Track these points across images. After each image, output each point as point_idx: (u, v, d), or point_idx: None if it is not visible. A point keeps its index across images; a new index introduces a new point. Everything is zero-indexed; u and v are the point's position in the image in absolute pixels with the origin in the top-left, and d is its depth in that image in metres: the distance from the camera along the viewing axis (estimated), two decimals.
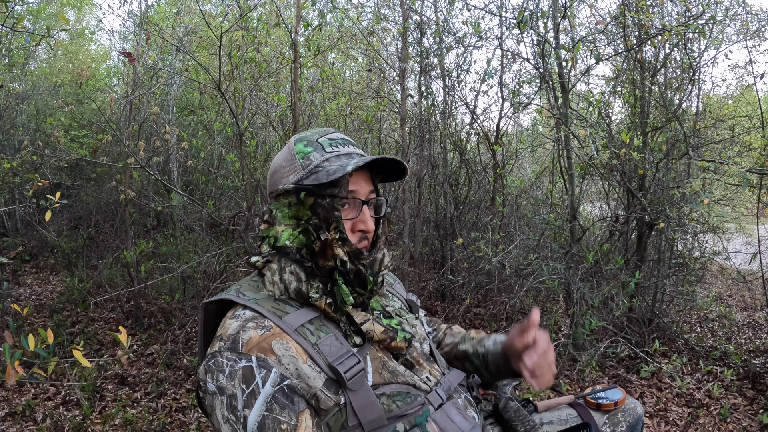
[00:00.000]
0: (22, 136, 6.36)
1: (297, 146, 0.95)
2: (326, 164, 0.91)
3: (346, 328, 0.89)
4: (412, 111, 4.34)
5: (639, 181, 3.11)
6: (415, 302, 1.12)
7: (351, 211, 0.93)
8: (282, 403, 0.78)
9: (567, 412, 1.14)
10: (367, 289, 0.92)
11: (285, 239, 0.91)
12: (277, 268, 0.91)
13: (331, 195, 0.89)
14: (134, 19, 4.93)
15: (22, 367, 1.36)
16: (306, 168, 0.92)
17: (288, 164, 0.94)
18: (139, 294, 3.90)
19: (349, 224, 0.92)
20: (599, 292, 2.79)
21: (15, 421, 2.57)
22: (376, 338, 0.89)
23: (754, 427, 2.35)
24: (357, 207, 0.93)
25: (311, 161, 0.92)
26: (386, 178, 1.01)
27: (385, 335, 0.90)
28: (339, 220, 0.89)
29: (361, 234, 0.93)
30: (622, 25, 3.11)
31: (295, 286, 0.88)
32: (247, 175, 3.60)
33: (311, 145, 0.94)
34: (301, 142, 0.95)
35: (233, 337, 0.82)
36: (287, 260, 0.90)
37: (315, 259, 0.90)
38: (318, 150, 0.93)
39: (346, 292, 0.88)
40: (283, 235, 0.91)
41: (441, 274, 4.25)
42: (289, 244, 0.90)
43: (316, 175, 0.90)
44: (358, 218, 0.93)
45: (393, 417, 0.84)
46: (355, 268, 0.90)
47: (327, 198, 0.89)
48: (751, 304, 4.08)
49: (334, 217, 0.89)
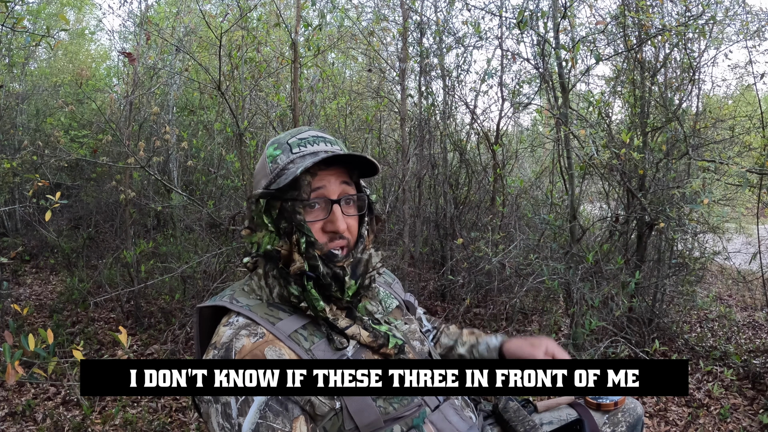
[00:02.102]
0: (22, 136, 6.35)
1: (268, 149, 0.94)
2: (291, 166, 0.89)
3: (327, 332, 0.87)
4: (412, 111, 4.34)
5: (639, 181, 3.11)
6: (413, 303, 1.12)
7: (320, 212, 0.89)
8: (276, 410, 0.78)
9: (567, 412, 1.15)
10: (345, 293, 0.89)
11: (266, 244, 0.89)
12: (263, 272, 0.91)
13: (291, 198, 0.87)
14: (134, 19, 4.93)
15: (22, 367, 1.36)
16: (273, 172, 0.90)
17: (261, 169, 0.94)
18: (139, 294, 3.89)
19: (318, 225, 0.89)
20: (599, 292, 2.79)
21: (15, 421, 2.57)
22: (363, 342, 0.88)
23: (754, 427, 2.35)
24: (326, 207, 0.89)
25: (278, 164, 0.91)
26: (365, 173, 0.97)
27: (372, 341, 0.88)
28: (302, 223, 0.87)
29: (331, 234, 0.90)
30: (622, 25, 3.11)
31: (278, 291, 0.88)
32: (247, 175, 3.60)
33: (280, 147, 0.92)
34: (272, 145, 0.94)
35: (226, 345, 0.82)
36: (271, 265, 0.90)
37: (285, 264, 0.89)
38: (285, 152, 0.91)
39: (315, 297, 0.86)
40: (264, 240, 0.90)
41: (441, 274, 4.24)
42: (269, 248, 0.89)
43: (280, 178, 0.88)
44: (328, 218, 0.89)
45: (390, 419, 0.84)
46: (330, 271, 0.87)
47: (288, 201, 0.88)
48: (751, 304, 4.08)
49: (296, 220, 0.87)
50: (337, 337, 0.86)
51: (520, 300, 3.64)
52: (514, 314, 3.76)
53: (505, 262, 3.37)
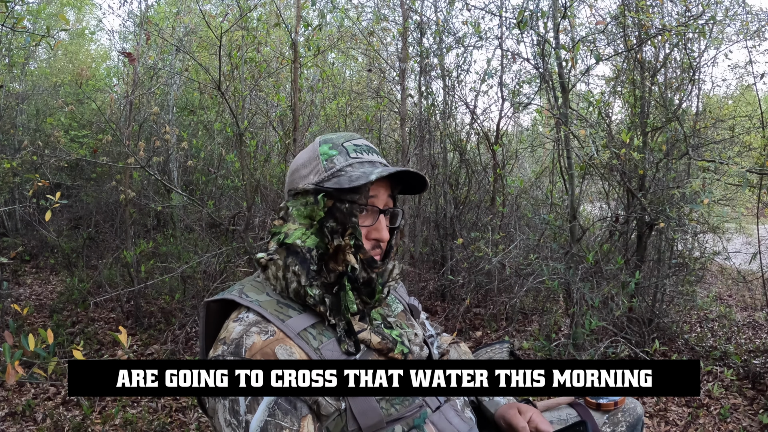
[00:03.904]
0: (22, 136, 6.36)
1: (322, 147, 0.94)
2: (349, 169, 0.90)
3: (341, 334, 0.87)
4: (412, 111, 4.34)
5: (639, 181, 3.11)
6: (417, 307, 1.12)
7: (368, 219, 0.92)
8: (284, 409, 0.78)
9: (567, 412, 1.15)
10: (374, 298, 0.91)
11: (296, 237, 0.90)
12: (282, 264, 0.89)
13: (350, 201, 0.88)
14: (134, 19, 4.93)
15: (22, 367, 1.36)
16: (328, 170, 0.91)
17: (310, 164, 0.94)
18: (139, 294, 3.89)
19: (364, 231, 0.91)
20: (599, 292, 2.79)
21: (15, 421, 2.57)
22: (373, 346, 0.89)
23: (754, 427, 2.35)
24: (374, 215, 0.92)
25: (334, 164, 0.91)
26: (405, 190, 1.00)
27: (382, 345, 0.90)
28: (356, 227, 0.88)
29: (374, 242, 0.93)
30: (622, 25, 3.11)
31: (294, 287, 0.88)
32: (247, 175, 3.61)
33: (336, 148, 0.93)
34: (326, 144, 0.94)
35: (237, 341, 0.81)
36: (294, 259, 0.89)
37: (325, 262, 0.89)
38: (342, 154, 0.92)
39: (351, 299, 0.88)
40: (295, 233, 0.90)
41: (441, 274, 4.24)
42: (300, 243, 0.89)
43: (338, 178, 0.89)
44: (374, 226, 0.92)
45: (392, 420, 0.85)
46: (367, 276, 0.90)
47: (346, 203, 0.88)
48: (751, 304, 4.07)
49: (351, 222, 0.88)
50: (347, 339, 0.87)
51: (520, 300, 3.65)
52: (514, 314, 3.76)
53: (505, 262, 3.37)
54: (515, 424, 0.97)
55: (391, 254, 0.97)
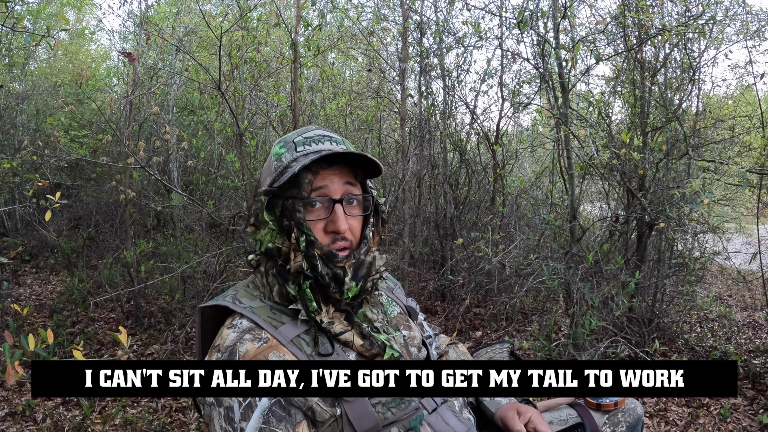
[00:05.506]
0: (22, 136, 6.36)
1: (274, 148, 0.93)
2: (294, 164, 0.88)
3: (315, 335, 0.85)
4: (412, 111, 4.34)
5: (639, 181, 3.11)
6: (414, 308, 1.11)
7: (322, 211, 0.89)
8: (279, 416, 0.78)
9: (567, 413, 1.14)
10: (344, 294, 0.88)
11: (267, 242, 0.89)
12: (264, 270, 0.90)
13: (291, 196, 0.87)
14: (134, 19, 4.93)
15: (22, 367, 1.36)
16: (277, 170, 0.90)
17: (267, 167, 0.94)
18: (139, 294, 3.89)
19: (320, 225, 0.88)
20: (599, 292, 2.79)
21: (15, 421, 2.57)
22: (355, 348, 0.87)
23: (754, 427, 2.35)
24: (328, 206, 0.88)
25: (282, 162, 0.90)
26: (370, 173, 0.95)
27: (364, 349, 0.87)
28: (301, 222, 0.86)
29: (333, 235, 0.88)
30: (622, 25, 3.11)
31: (277, 290, 0.88)
32: (247, 175, 3.61)
33: (286, 146, 0.92)
34: (278, 144, 0.94)
35: (230, 348, 0.81)
36: (271, 263, 0.89)
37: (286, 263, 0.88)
38: (290, 150, 0.91)
39: (309, 298, 0.85)
40: (266, 238, 0.90)
41: (441, 274, 4.24)
42: (270, 246, 0.89)
43: (283, 176, 0.88)
44: (329, 218, 0.88)
45: (388, 423, 0.84)
46: (330, 272, 0.86)
47: (289, 199, 0.87)
48: (751, 304, 4.07)
49: (296, 218, 0.87)
50: (323, 341, 0.85)
51: (520, 300, 3.65)
52: (514, 314, 3.76)
53: (505, 262, 3.38)
54: (511, 427, 0.96)
55: (366, 245, 0.92)
